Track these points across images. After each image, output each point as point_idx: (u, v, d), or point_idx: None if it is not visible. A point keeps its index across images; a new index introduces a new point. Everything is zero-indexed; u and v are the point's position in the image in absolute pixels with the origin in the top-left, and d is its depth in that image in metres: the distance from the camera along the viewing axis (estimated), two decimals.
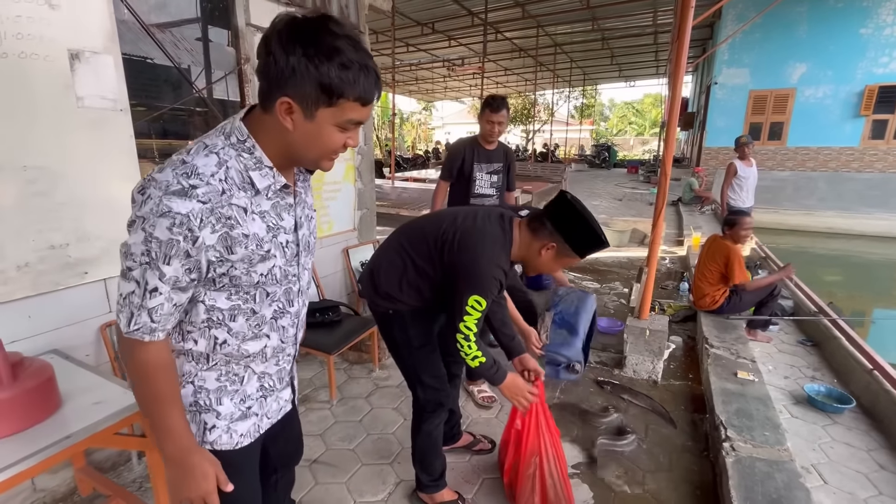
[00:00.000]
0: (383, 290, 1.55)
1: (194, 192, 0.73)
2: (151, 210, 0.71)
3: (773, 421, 2.12)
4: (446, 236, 1.43)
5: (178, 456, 0.86)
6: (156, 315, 0.78)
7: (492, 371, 1.50)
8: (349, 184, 3.20)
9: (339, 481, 1.92)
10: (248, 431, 0.98)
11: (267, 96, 0.77)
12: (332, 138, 0.79)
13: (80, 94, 1.66)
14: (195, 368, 0.90)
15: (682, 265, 5.49)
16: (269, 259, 0.86)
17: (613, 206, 10.10)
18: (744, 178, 5.14)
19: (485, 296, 1.35)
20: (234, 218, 0.78)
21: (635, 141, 36.82)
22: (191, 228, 0.73)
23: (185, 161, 0.76)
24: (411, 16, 10.71)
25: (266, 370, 0.99)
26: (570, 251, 1.38)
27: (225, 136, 0.80)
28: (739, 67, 10.95)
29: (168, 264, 0.74)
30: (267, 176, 0.82)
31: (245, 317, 0.89)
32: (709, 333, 3.05)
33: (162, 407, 0.83)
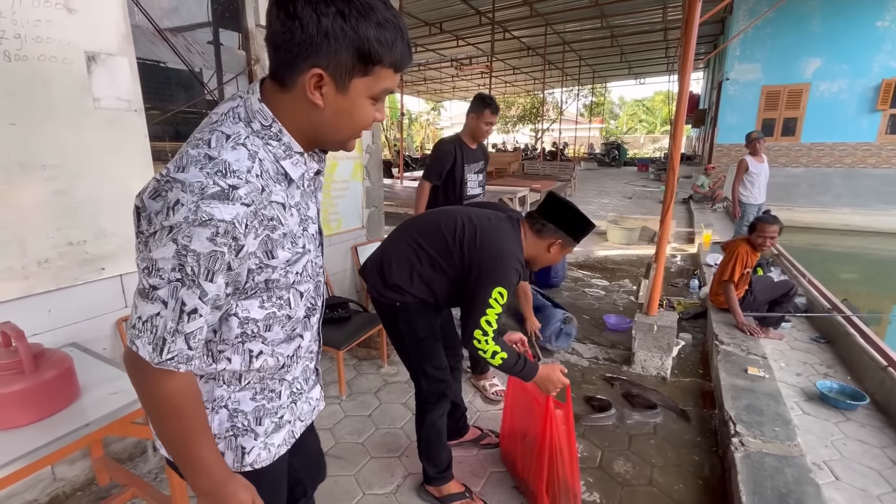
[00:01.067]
0: (393, 281, 1.56)
1: (236, 194, 0.62)
2: (186, 219, 0.59)
3: (784, 417, 2.10)
4: (466, 232, 1.49)
5: (214, 490, 0.76)
6: (194, 341, 0.66)
7: (518, 367, 1.48)
8: (357, 182, 3.24)
9: (348, 474, 1.95)
10: (283, 440, 0.92)
11: (287, 69, 0.65)
12: (365, 112, 0.70)
13: (97, 96, 1.71)
14: (227, 391, 0.80)
15: (692, 263, 5.44)
16: (304, 255, 0.77)
17: (623, 204, 10.04)
18: (755, 174, 5.08)
19: (508, 288, 1.40)
20: (276, 218, 0.69)
21: (646, 139, 36.48)
22: (236, 237, 0.62)
23: (212, 157, 0.63)
24: (419, 16, 10.76)
25: (294, 374, 0.91)
26: (571, 241, 1.56)
27: (244, 122, 0.68)
28: (751, 63, 10.80)
29: (212, 281, 0.63)
30: (299, 164, 0.72)
31: (280, 324, 0.80)
32: (719, 330, 3.03)
33: (195, 441, 0.72)
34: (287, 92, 0.68)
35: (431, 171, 2.74)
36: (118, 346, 1.90)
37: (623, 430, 2.26)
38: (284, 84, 0.67)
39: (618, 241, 6.38)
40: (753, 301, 3.25)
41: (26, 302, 1.60)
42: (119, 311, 1.89)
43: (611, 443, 2.16)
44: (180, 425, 0.71)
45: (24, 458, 1.12)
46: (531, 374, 1.51)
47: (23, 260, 1.57)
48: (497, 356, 1.42)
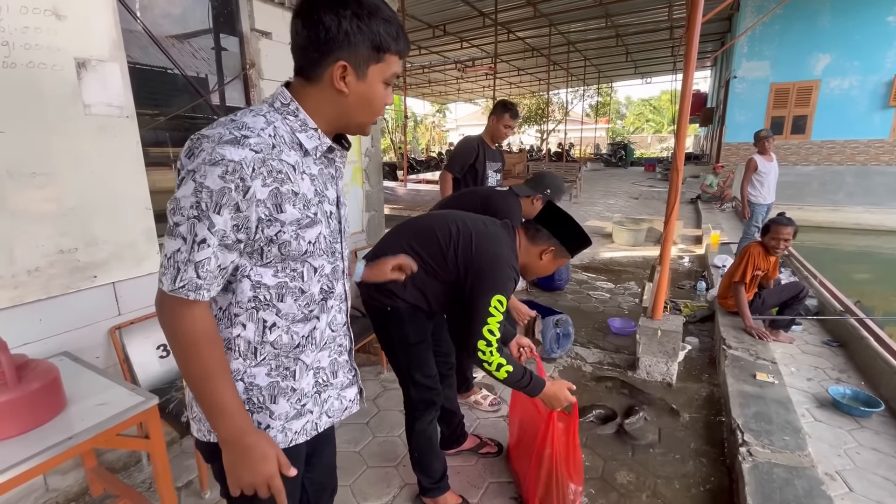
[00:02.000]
0: (385, 285, 1.51)
1: (247, 142, 0.73)
2: (203, 160, 0.70)
3: (794, 425, 2.02)
4: (461, 238, 1.46)
5: (235, 437, 0.79)
6: (202, 270, 0.73)
7: (524, 381, 1.43)
8: (357, 186, 3.21)
9: (343, 484, 1.91)
10: (302, 429, 0.93)
11: (315, 66, 0.78)
12: (381, 95, 0.83)
13: (87, 102, 1.69)
14: (243, 365, 0.85)
15: (700, 264, 5.35)
16: (316, 224, 0.83)
17: (630, 204, 9.93)
18: (764, 173, 4.97)
19: (506, 295, 1.37)
20: (284, 173, 0.77)
21: (653, 138, 36.19)
22: (243, 177, 0.71)
23: (234, 119, 0.76)
24: (422, 18, 10.75)
25: (319, 363, 0.94)
26: (565, 252, 1.52)
27: (269, 103, 0.82)
28: (760, 60, 10.65)
29: (219, 214, 0.71)
30: (313, 137, 0.82)
31: (293, 296, 0.85)
32: (727, 334, 2.96)
33: (213, 383, 0.77)
34: (314, 85, 0.80)
35: (454, 163, 2.95)
36: (111, 355, 1.88)
37: (626, 438, 2.20)
38: (311, 79, 0.80)
39: (623, 242, 6.30)
40: (762, 304, 3.16)
41: (16, 311, 1.59)
42: (112, 319, 1.87)
43: (613, 452, 2.10)
44: (200, 365, 0.77)
45: (5, 473, 1.09)
46: (537, 389, 1.47)
47: (12, 269, 1.55)
48: (502, 369, 1.38)
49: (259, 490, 0.82)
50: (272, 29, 2.45)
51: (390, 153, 23.75)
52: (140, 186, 1.89)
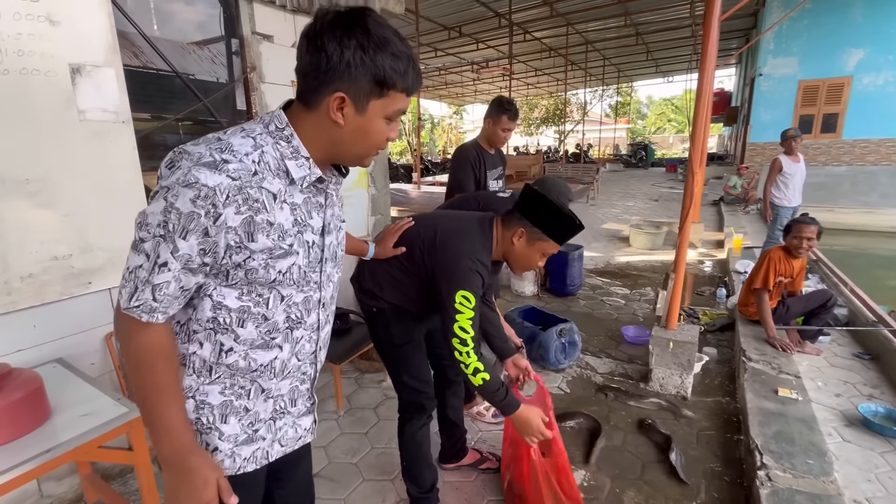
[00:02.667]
0: (366, 286, 1.54)
1: (225, 167, 0.70)
2: (178, 179, 0.68)
3: (819, 447, 1.88)
4: (426, 234, 1.44)
5: (176, 457, 0.77)
6: (159, 293, 0.72)
7: (499, 395, 1.37)
8: (362, 190, 3.17)
9: (337, 497, 1.85)
10: (252, 456, 0.89)
11: (314, 93, 0.75)
12: (380, 130, 0.79)
13: (82, 108, 1.69)
14: (196, 382, 0.83)
15: (721, 269, 5.14)
16: (290, 255, 0.80)
17: (649, 206, 9.68)
18: (790, 174, 4.74)
19: (470, 290, 1.32)
20: (261, 202, 0.74)
21: (675, 139, 35.36)
22: (215, 204, 0.69)
23: (221, 138, 0.74)
24: (438, 20, 10.72)
25: (278, 390, 0.90)
26: (541, 234, 1.37)
27: (264, 124, 0.79)
28: (787, 56, 10.25)
29: (185, 239, 0.69)
30: (303, 166, 0.79)
31: (255, 323, 0.82)
32: (747, 345, 2.80)
33: (159, 399, 0.76)
34: (312, 112, 0.77)
35: (456, 184, 2.61)
36: (107, 362, 1.88)
37: (636, 455, 2.08)
38: (310, 105, 0.77)
39: (641, 246, 6.11)
40: (787, 312, 2.99)
41: (10, 318, 1.58)
42: (107, 325, 1.87)
43: (621, 470, 1.99)
44: (150, 380, 0.75)
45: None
46: (510, 409, 1.40)
47: (5, 275, 1.55)
48: (479, 375, 1.32)
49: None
50: (273, 32, 2.43)
51: (407, 155, 23.83)
52: (136, 192, 1.88)
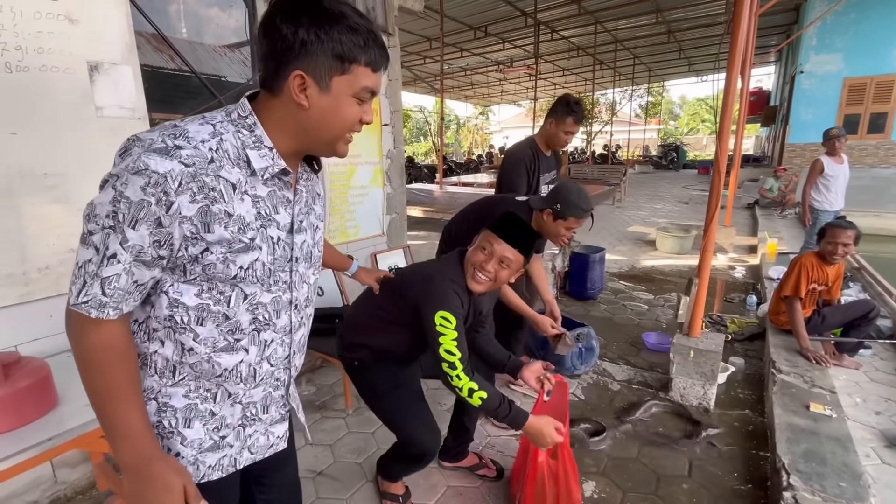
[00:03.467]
0: (347, 340, 1.57)
1: (178, 153, 0.67)
2: (127, 166, 0.65)
3: (854, 469, 1.73)
4: (409, 274, 1.48)
5: (137, 464, 0.72)
6: (108, 287, 0.67)
7: (502, 410, 1.33)
8: (377, 188, 3.16)
9: (340, 497, 1.84)
10: (217, 464, 0.85)
11: (275, 76, 0.73)
12: (350, 110, 0.76)
13: (99, 104, 1.73)
14: (158, 384, 0.79)
15: (753, 276, 4.89)
16: (252, 250, 0.76)
17: (678, 209, 9.36)
18: (831, 176, 4.46)
19: (448, 310, 1.31)
20: (218, 191, 0.71)
21: (708, 140, 34.14)
22: (166, 191, 0.65)
23: (177, 125, 0.71)
24: (463, 20, 10.68)
25: (249, 396, 0.86)
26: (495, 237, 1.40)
27: (226, 112, 0.76)
28: (831, 53, 9.71)
29: (134, 229, 0.65)
30: (265, 157, 0.76)
31: (215, 322, 0.77)
32: (777, 356, 2.63)
33: (115, 403, 0.70)
34: (276, 97, 0.75)
35: (506, 189, 2.45)
36: None
37: (651, 469, 1.98)
38: (273, 90, 0.75)
39: (668, 250, 5.89)
40: (822, 322, 2.80)
41: (27, 308, 1.64)
42: None
43: (635, 483, 1.90)
44: (102, 383, 0.70)
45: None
46: (518, 422, 1.35)
47: (23, 266, 1.60)
48: (475, 395, 1.29)
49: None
50: None
51: (432, 156, 23.89)
52: None
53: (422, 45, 12.76)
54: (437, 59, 12.94)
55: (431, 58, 13.85)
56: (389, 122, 3.20)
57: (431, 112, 25.56)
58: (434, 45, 12.01)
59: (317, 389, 2.64)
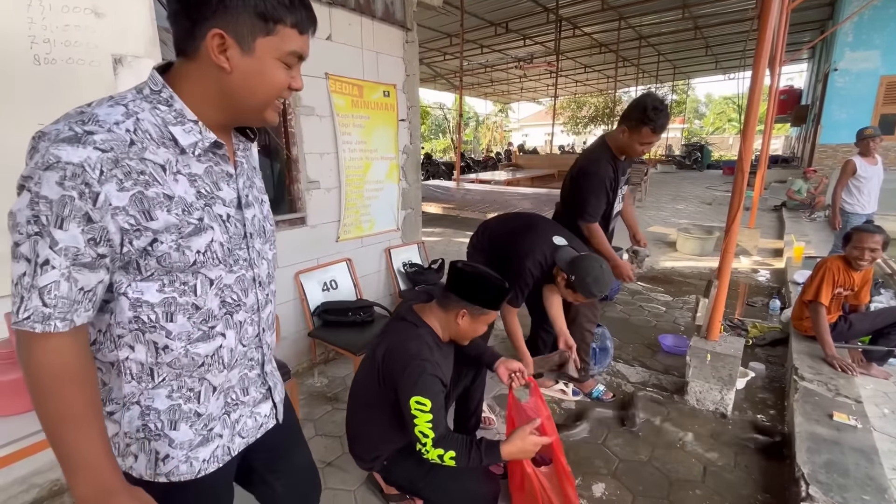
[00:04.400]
0: (359, 453, 1.61)
1: (90, 139, 0.60)
2: (37, 164, 0.59)
3: (878, 482, 1.66)
4: (384, 363, 1.46)
5: (97, 498, 0.65)
6: (49, 296, 0.60)
7: (476, 458, 1.34)
8: (392, 183, 3.17)
9: (348, 488, 1.85)
10: (212, 456, 0.83)
11: (190, 37, 0.67)
12: (276, 75, 0.71)
13: None
14: (138, 388, 0.74)
15: (777, 280, 4.74)
16: (204, 231, 0.71)
17: (700, 210, 9.13)
18: (864, 178, 4.27)
19: (424, 394, 1.32)
20: (148, 174, 0.65)
21: (735, 140, 33.18)
22: (87, 182, 0.60)
23: (83, 111, 0.64)
24: (484, 16, 10.61)
25: (228, 381, 0.83)
26: (482, 309, 1.45)
27: (136, 90, 0.70)
28: (867, 50, 9.30)
29: (61, 228, 0.60)
30: (192, 132, 0.70)
31: (186, 314, 0.73)
32: (800, 362, 2.54)
33: (69, 430, 0.64)
34: (193, 62, 0.69)
35: (596, 210, 2.24)
36: None
37: (663, 472, 1.94)
38: (188, 54, 0.68)
39: (689, 251, 5.76)
40: (849, 329, 2.69)
41: None
42: None
43: (646, 487, 1.86)
44: (55, 408, 0.64)
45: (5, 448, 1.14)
46: (495, 456, 1.35)
47: None
48: (445, 458, 1.33)
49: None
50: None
51: (450, 153, 23.86)
52: None
53: (442, 42, 12.73)
54: (456, 55, 12.90)
55: (451, 54, 13.81)
56: (406, 117, 3.21)
57: (451, 109, 25.52)
58: (454, 42, 11.97)
59: (329, 381, 2.67)
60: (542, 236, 2.09)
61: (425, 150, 20.56)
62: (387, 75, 2.99)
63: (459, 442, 1.34)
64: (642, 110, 2.03)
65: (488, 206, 6.93)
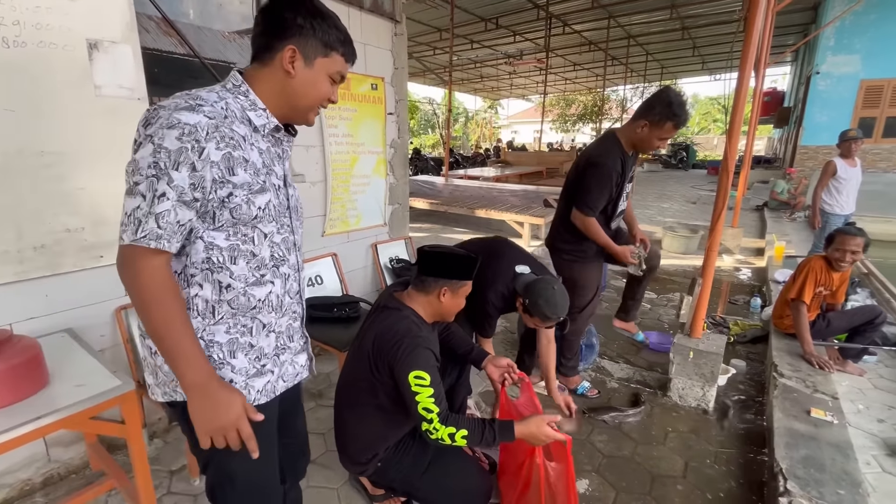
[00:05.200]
0: (353, 459, 1.57)
1: (201, 109, 0.81)
2: (161, 124, 0.77)
3: (853, 477, 1.70)
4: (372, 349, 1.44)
5: (201, 381, 0.84)
6: (162, 221, 0.78)
7: (488, 436, 1.34)
8: (379, 178, 3.13)
9: (331, 486, 1.83)
10: (264, 389, 0.99)
11: (268, 49, 0.90)
12: (324, 86, 0.95)
13: (98, 83, 1.71)
14: (202, 324, 0.91)
15: (758, 278, 4.83)
16: (265, 191, 0.91)
17: (685, 209, 9.25)
18: (844, 179, 4.37)
19: (422, 368, 1.32)
20: (236, 140, 0.85)
21: (719, 140, 33.72)
22: (198, 139, 0.79)
23: (189, 93, 0.85)
24: (474, 12, 10.55)
25: (279, 325, 1.01)
26: (459, 282, 1.49)
27: (221, 84, 0.92)
28: (849, 54, 9.50)
29: (177, 170, 0.78)
30: (261, 116, 0.92)
31: (245, 259, 0.92)
32: (780, 359, 2.59)
33: (175, 330, 0.81)
34: (266, 67, 0.92)
35: (596, 202, 2.16)
36: (116, 334, 1.91)
37: (646, 468, 1.96)
38: (264, 61, 0.92)
39: (673, 249, 5.83)
40: (827, 327, 2.75)
41: (22, 286, 1.63)
42: (119, 299, 1.90)
43: (629, 482, 1.88)
44: (162, 314, 0.81)
45: None
46: (508, 435, 1.35)
47: (18, 244, 1.59)
48: (456, 436, 1.30)
49: (228, 435, 0.86)
50: None
51: (439, 148, 23.79)
52: None
53: (431, 36, 12.63)
54: (446, 50, 12.82)
55: (441, 49, 13.73)
56: (394, 111, 3.17)
57: (440, 104, 25.40)
58: (444, 37, 11.89)
59: (313, 377, 2.64)
60: (505, 265, 2.08)
61: (414, 145, 20.46)
62: (375, 68, 2.95)
63: (469, 421, 1.33)
64: (667, 105, 1.99)
65: (476, 203, 6.92)
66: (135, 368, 1.91)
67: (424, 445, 1.58)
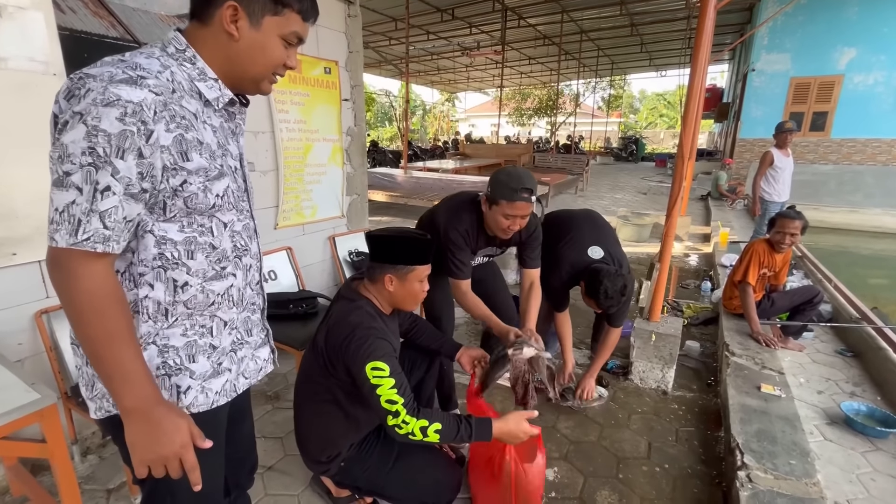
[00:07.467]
0: (314, 459, 1.50)
1: (145, 82, 0.67)
2: (94, 100, 0.63)
3: (802, 446, 1.79)
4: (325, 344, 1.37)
5: (144, 406, 0.72)
6: (109, 220, 0.66)
7: (464, 432, 1.27)
8: (336, 167, 2.99)
9: (291, 493, 1.72)
10: (222, 389, 0.90)
11: (206, 4, 0.75)
12: (276, 51, 0.79)
13: (4, 55, 1.49)
14: (154, 328, 0.79)
15: (707, 263, 5.08)
16: (223, 176, 0.79)
17: (637, 199, 9.63)
18: (780, 168, 4.67)
19: (378, 359, 1.24)
20: (188, 119, 0.72)
21: (665, 134, 35.46)
22: (144, 120, 0.66)
23: (123, 59, 0.70)
24: (431, 2, 10.41)
25: (235, 320, 0.90)
26: (406, 267, 1.36)
27: (160, 48, 0.76)
28: (780, 53, 10.18)
29: (122, 159, 0.65)
30: (213, 88, 0.78)
31: (204, 252, 0.81)
32: (730, 339, 2.71)
33: (116, 347, 0.70)
34: (206, 27, 0.76)
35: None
36: (37, 342, 1.70)
37: (612, 452, 1.98)
38: (203, 19, 0.76)
39: (627, 237, 6.02)
40: (771, 307, 2.91)
41: None
42: (38, 301, 1.69)
43: (596, 467, 1.89)
44: (102, 327, 0.69)
45: None
46: (486, 433, 1.29)
47: None
48: (429, 431, 1.22)
49: (170, 465, 0.75)
50: None
51: (397, 141, 23.48)
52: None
53: (387, 26, 12.36)
54: (402, 40, 12.58)
55: (397, 39, 13.47)
56: (350, 97, 3.03)
57: (397, 96, 25.04)
58: (399, 26, 11.65)
59: (269, 378, 2.49)
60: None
61: (371, 137, 20.05)
62: (328, 51, 2.80)
63: (442, 415, 1.26)
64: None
65: (436, 195, 6.85)
66: (61, 380, 1.70)
67: (390, 442, 1.51)
